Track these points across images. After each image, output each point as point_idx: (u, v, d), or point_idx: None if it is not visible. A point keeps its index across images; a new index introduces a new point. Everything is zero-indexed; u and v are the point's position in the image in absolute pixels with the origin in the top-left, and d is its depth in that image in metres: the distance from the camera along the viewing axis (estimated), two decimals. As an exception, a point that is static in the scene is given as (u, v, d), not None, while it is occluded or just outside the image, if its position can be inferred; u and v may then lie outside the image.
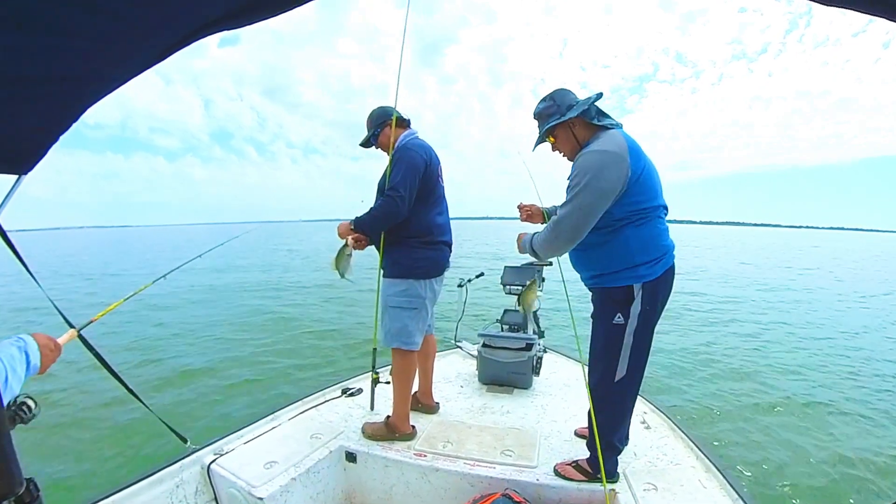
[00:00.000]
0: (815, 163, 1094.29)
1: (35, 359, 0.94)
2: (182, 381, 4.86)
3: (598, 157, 1.44)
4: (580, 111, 1.53)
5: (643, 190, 1.47)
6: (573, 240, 1.51)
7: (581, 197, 1.44)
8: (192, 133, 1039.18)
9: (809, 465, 3.31)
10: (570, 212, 1.47)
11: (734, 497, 1.56)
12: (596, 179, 1.42)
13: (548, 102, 1.60)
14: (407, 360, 2.02)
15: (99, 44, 0.61)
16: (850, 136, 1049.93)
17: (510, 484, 1.68)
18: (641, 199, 1.48)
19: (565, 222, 1.49)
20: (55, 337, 1.06)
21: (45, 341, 0.99)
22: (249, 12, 0.61)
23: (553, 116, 1.57)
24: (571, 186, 1.47)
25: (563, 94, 1.59)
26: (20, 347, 0.91)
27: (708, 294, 10.96)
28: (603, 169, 1.42)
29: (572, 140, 1.59)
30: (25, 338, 0.95)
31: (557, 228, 1.51)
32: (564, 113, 1.55)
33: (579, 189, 1.44)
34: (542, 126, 1.62)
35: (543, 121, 1.61)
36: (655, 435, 2.04)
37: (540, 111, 1.62)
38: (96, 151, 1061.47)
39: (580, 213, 1.46)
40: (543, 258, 1.72)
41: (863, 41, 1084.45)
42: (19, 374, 0.87)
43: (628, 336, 1.55)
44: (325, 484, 1.85)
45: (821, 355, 6.11)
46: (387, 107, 2.05)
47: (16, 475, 0.69)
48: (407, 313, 1.99)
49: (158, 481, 1.65)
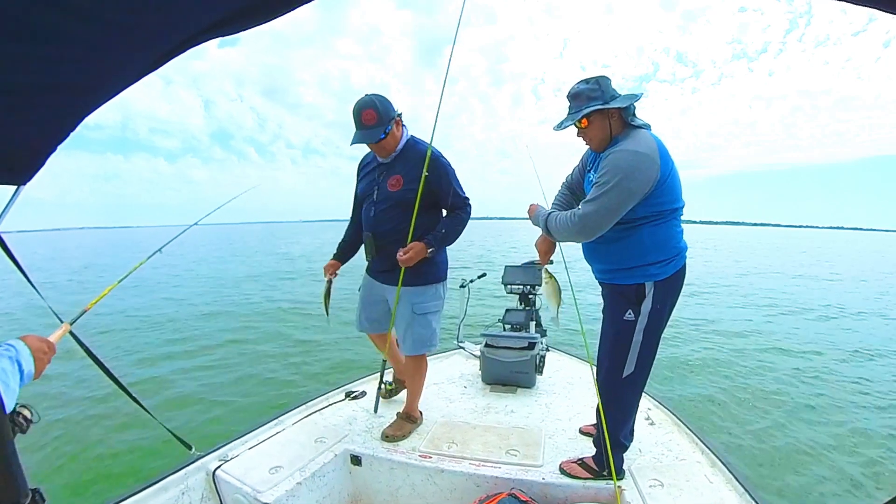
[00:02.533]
0: (816, 161, 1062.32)
1: (28, 365, 0.89)
2: (184, 386, 4.85)
3: (631, 158, 1.41)
4: (624, 105, 1.48)
5: (667, 192, 1.47)
6: (592, 236, 1.50)
7: (609, 196, 1.42)
8: (192, 134, 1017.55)
9: (816, 459, 3.30)
10: (595, 209, 1.45)
11: (741, 491, 1.55)
12: (626, 180, 1.40)
13: (592, 85, 1.51)
14: (425, 360, 2.14)
15: (96, 52, 0.61)
16: (851, 135, 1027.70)
17: (516, 483, 1.68)
18: (664, 201, 1.48)
19: (589, 218, 1.47)
20: (47, 336, 1.02)
21: (38, 344, 0.94)
22: (246, 17, 0.61)
23: (595, 100, 1.49)
24: (601, 184, 1.44)
25: (608, 81, 1.52)
26: (11, 358, 0.86)
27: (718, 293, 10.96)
28: (634, 170, 1.40)
29: (606, 130, 1.53)
30: (16, 344, 0.89)
31: (580, 222, 1.49)
32: (608, 101, 1.49)
33: (609, 188, 1.42)
34: (577, 107, 1.53)
35: (582, 102, 1.52)
36: (660, 431, 2.03)
37: (581, 91, 1.52)
38: (97, 152, 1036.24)
39: (605, 211, 1.44)
40: (557, 240, 1.68)
41: (863, 40, 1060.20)
42: (13, 388, 0.82)
43: (638, 333, 1.55)
44: (330, 488, 1.85)
45: (832, 350, 6.11)
46: (388, 99, 1.86)
47: (21, 485, 0.69)
48: (436, 317, 2.04)
49: (163, 489, 1.64)
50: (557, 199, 1.85)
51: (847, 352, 6.09)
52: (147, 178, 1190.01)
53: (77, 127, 0.81)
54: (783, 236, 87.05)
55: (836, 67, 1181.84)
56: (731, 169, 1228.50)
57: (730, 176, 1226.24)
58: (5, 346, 0.88)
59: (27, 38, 0.54)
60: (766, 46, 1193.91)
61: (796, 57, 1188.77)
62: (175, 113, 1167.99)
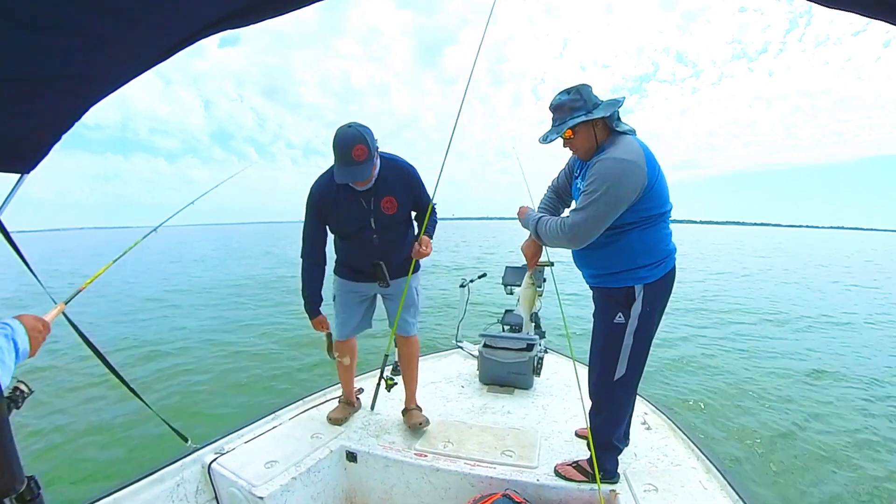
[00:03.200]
0: (816, 161, 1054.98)
1: (24, 344, 0.91)
2: (181, 379, 4.86)
3: (618, 166, 1.41)
4: (608, 113, 1.48)
5: (655, 197, 1.47)
6: (583, 243, 1.50)
7: (597, 205, 1.42)
8: (192, 134, 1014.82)
9: (812, 465, 3.30)
10: (583, 219, 1.45)
11: (735, 498, 1.55)
12: (614, 188, 1.40)
13: (573, 95, 1.49)
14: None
15: (100, 43, 0.61)
16: (851, 135, 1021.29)
17: (510, 484, 1.68)
18: (652, 206, 1.48)
19: (579, 227, 1.47)
20: (42, 315, 1.03)
21: (33, 323, 0.96)
22: (252, 12, 0.61)
23: (578, 111, 1.48)
24: (588, 192, 1.44)
25: (588, 90, 1.51)
26: (6, 335, 0.88)
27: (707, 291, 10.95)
28: (621, 178, 1.40)
29: (592, 140, 1.53)
30: (11, 322, 0.91)
31: (570, 232, 1.49)
32: (591, 110, 1.48)
33: (596, 197, 1.42)
34: (561, 118, 1.52)
35: (565, 114, 1.51)
36: (656, 436, 2.03)
37: (563, 103, 1.51)
38: (96, 152, 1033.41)
39: (593, 220, 1.44)
40: (546, 245, 1.70)
41: (863, 40, 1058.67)
42: (8, 365, 0.84)
43: (628, 336, 1.56)
44: (325, 483, 1.85)
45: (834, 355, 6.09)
46: (368, 127, 1.76)
47: (17, 473, 0.69)
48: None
49: (159, 480, 1.65)
50: (543, 202, 1.86)
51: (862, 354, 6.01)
52: (147, 178, 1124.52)
53: (81, 117, 0.81)
54: (788, 236, 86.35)
55: (837, 67, 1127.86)
56: (731, 169, 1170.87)
57: (730, 176, 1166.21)
58: (1, 324, 0.90)
59: (35, 28, 0.54)
60: (767, 46, 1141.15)
61: (796, 57, 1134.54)
62: (175, 113, 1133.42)
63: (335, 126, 1.76)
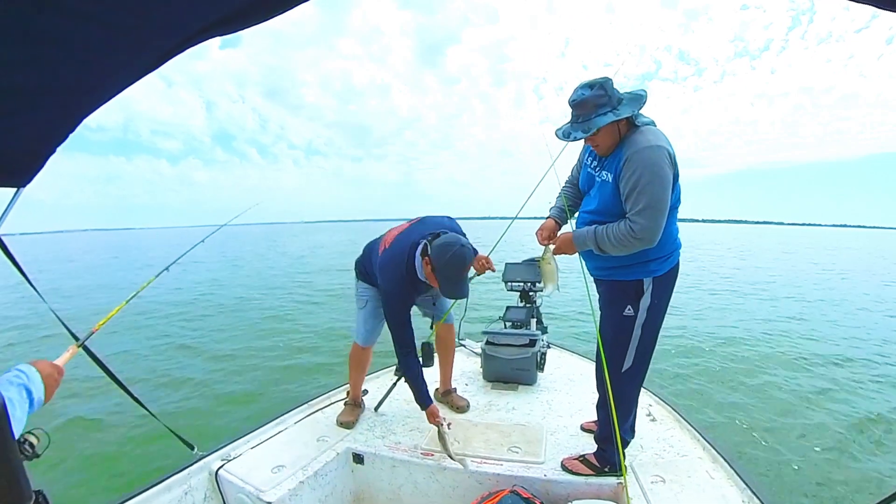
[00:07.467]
0: (819, 159, 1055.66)
1: (39, 392, 0.87)
2: (186, 387, 4.85)
3: (655, 153, 1.37)
4: (634, 112, 1.43)
5: (675, 188, 1.46)
6: (655, 240, 1.43)
7: (652, 194, 1.37)
8: (194, 135, 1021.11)
9: (818, 456, 3.31)
10: (647, 214, 1.38)
11: (742, 487, 1.56)
12: (660, 171, 1.36)
13: (598, 91, 1.41)
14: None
15: (96, 54, 0.61)
16: (853, 133, 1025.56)
17: (518, 480, 1.68)
18: (672, 197, 1.46)
19: (646, 226, 1.39)
20: (54, 359, 1.02)
21: (49, 370, 0.93)
22: (245, 16, 0.61)
23: (604, 108, 1.41)
24: (638, 187, 1.38)
25: (611, 84, 1.43)
26: (21, 385, 0.84)
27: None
28: (661, 162, 1.37)
29: (616, 136, 1.47)
30: (26, 370, 0.88)
31: (640, 233, 1.40)
32: (616, 107, 1.41)
33: (650, 188, 1.36)
34: (585, 115, 1.44)
35: (589, 111, 1.42)
36: (661, 427, 2.04)
37: (587, 98, 1.42)
38: (98, 154, 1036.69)
39: (656, 211, 1.38)
40: (609, 254, 1.55)
41: (866, 37, 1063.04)
42: (19, 418, 0.81)
43: (637, 328, 1.57)
44: (333, 486, 1.86)
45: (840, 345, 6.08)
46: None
47: (24, 488, 0.69)
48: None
49: (167, 489, 1.65)
50: (565, 193, 1.82)
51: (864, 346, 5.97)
52: (149, 179, 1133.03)
53: (76, 128, 0.81)
54: (791, 235, 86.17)
55: (839, 65, 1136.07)
56: (733, 167, 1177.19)
57: (732, 174, 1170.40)
58: (16, 371, 0.87)
59: (27, 40, 0.54)
60: (769, 44, 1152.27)
61: (799, 54, 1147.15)
62: (177, 114, 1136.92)
63: (336, 126, 1.76)
